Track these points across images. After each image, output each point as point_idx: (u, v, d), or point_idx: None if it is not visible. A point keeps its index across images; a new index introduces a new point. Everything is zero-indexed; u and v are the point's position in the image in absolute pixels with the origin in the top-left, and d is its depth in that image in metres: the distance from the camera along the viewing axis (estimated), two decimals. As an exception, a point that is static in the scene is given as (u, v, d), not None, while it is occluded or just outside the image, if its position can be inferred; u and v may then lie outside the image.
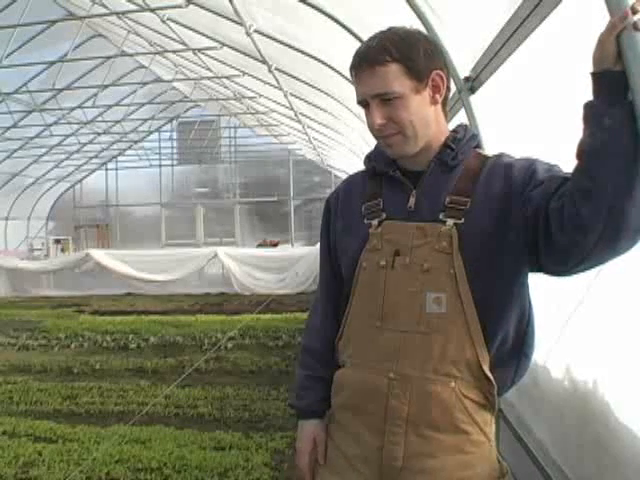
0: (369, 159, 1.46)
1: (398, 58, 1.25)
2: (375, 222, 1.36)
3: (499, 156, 1.35)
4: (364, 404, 1.33)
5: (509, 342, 1.30)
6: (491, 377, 1.28)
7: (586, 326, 1.71)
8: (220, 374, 6.00)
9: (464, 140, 1.36)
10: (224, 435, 4.22)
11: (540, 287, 1.90)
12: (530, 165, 1.26)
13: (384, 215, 1.35)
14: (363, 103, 1.32)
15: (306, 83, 5.77)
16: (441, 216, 1.29)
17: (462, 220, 1.27)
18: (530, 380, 2.11)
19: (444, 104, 1.37)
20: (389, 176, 1.38)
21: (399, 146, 1.31)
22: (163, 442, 4.09)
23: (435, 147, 1.35)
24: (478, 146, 1.41)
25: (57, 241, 15.66)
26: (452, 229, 1.26)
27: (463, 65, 2.39)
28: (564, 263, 1.18)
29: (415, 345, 1.27)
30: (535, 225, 1.18)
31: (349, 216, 1.44)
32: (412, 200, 1.33)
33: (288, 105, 7.18)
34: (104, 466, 3.67)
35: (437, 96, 1.32)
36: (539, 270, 1.27)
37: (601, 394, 1.57)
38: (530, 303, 1.33)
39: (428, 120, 1.32)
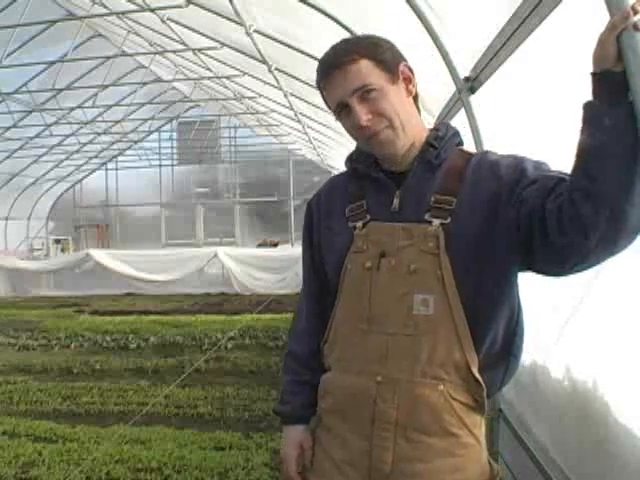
0: (351, 160, 1.43)
1: (365, 54, 1.26)
2: (360, 224, 1.33)
3: (484, 153, 1.34)
4: (351, 408, 1.31)
5: (498, 343, 1.29)
6: (480, 379, 1.26)
7: (586, 326, 1.71)
8: (220, 374, 6.01)
9: (446, 138, 1.33)
10: (224, 435, 4.22)
11: (540, 287, 1.90)
12: (518, 163, 1.25)
13: (368, 217, 1.33)
14: (339, 108, 1.29)
15: (306, 83, 5.76)
16: (427, 216, 1.26)
17: (448, 220, 1.25)
18: (530, 380, 2.11)
19: (416, 99, 1.37)
20: (372, 177, 1.36)
21: (390, 142, 1.28)
22: (163, 442, 4.09)
23: (418, 145, 1.32)
24: (460, 144, 1.39)
25: (57, 241, 15.67)
26: (438, 229, 1.24)
27: (463, 65, 2.39)
28: (561, 264, 1.16)
29: (402, 348, 1.25)
30: (529, 226, 1.16)
31: (332, 218, 1.41)
32: (396, 201, 1.31)
33: (288, 105, 7.17)
34: (104, 466, 3.67)
35: (410, 87, 1.32)
36: (530, 270, 1.25)
37: (601, 394, 1.57)
38: (519, 303, 1.32)
39: (410, 111, 1.32)
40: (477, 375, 1.26)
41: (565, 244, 1.11)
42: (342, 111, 1.29)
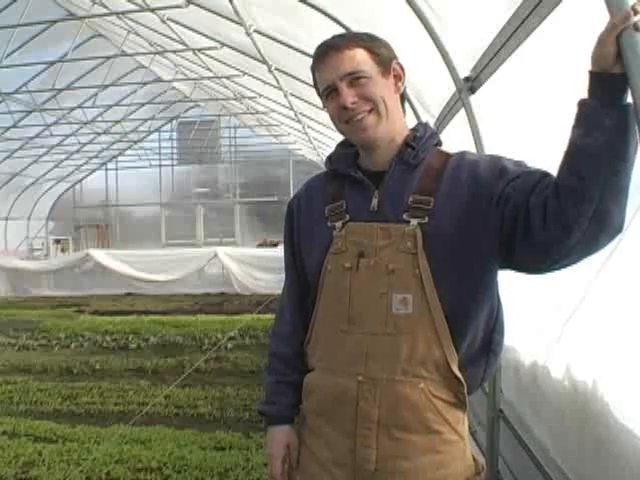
0: (330, 161, 1.44)
1: (363, 45, 1.29)
2: (339, 224, 1.34)
3: (462, 154, 1.34)
4: (334, 408, 1.32)
5: (478, 341, 1.30)
6: (460, 376, 1.27)
7: (586, 326, 1.71)
8: (220, 374, 6.00)
9: (424, 138, 1.34)
10: (224, 435, 4.22)
11: (539, 287, 1.90)
12: (497, 162, 1.26)
13: (347, 217, 1.33)
14: (328, 90, 1.30)
15: (306, 83, 5.76)
16: (405, 216, 1.27)
17: (426, 220, 1.25)
18: (530, 380, 2.11)
19: (402, 100, 1.38)
20: (351, 177, 1.36)
21: (372, 127, 1.28)
22: (163, 442, 4.09)
23: (398, 143, 1.33)
24: (439, 144, 1.39)
25: (57, 241, 15.67)
26: (416, 229, 1.25)
27: (463, 65, 2.39)
28: (542, 261, 1.17)
29: (383, 347, 1.26)
30: (513, 222, 1.16)
31: (312, 219, 1.41)
32: (375, 201, 1.31)
33: (288, 105, 7.18)
34: (104, 466, 3.67)
35: (399, 84, 1.34)
36: (509, 267, 1.26)
37: (601, 394, 1.57)
38: (499, 300, 1.33)
39: (395, 106, 1.33)
40: (457, 372, 1.27)
41: (547, 240, 1.11)
42: (330, 94, 1.31)
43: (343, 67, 1.27)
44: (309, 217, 1.43)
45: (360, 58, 1.27)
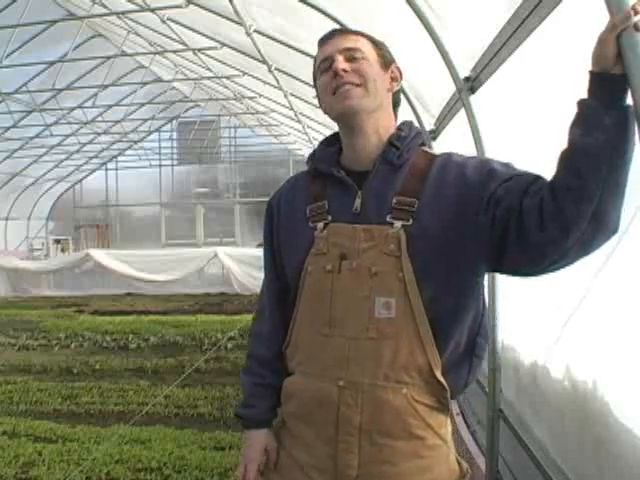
0: (312, 159, 1.40)
1: (368, 38, 1.34)
2: (320, 225, 1.30)
3: (448, 155, 1.31)
4: (315, 413, 1.28)
5: (462, 345, 1.27)
6: (443, 381, 1.24)
7: (586, 326, 1.71)
8: (220, 374, 6.01)
9: (409, 138, 1.31)
10: (224, 435, 4.23)
11: (539, 287, 1.90)
12: (485, 164, 1.24)
13: (329, 218, 1.30)
14: (325, 64, 1.29)
15: (306, 83, 5.77)
16: (388, 218, 1.24)
17: (410, 222, 1.22)
18: (530, 380, 2.11)
19: (395, 106, 1.38)
20: (333, 177, 1.32)
21: (357, 98, 1.26)
22: (163, 442, 4.09)
23: (382, 140, 1.31)
24: (424, 144, 1.37)
25: (57, 241, 15.68)
26: (400, 231, 1.22)
27: (463, 65, 2.39)
28: (538, 263, 1.15)
29: (365, 352, 1.23)
30: (505, 224, 1.14)
31: (293, 219, 1.37)
32: (358, 202, 1.27)
33: (288, 105, 7.18)
34: (104, 466, 3.67)
35: (394, 84, 1.35)
36: (499, 270, 1.25)
37: (601, 394, 1.57)
38: (484, 304, 1.31)
39: (386, 101, 1.33)
40: (440, 378, 1.24)
41: (544, 242, 1.10)
42: (325, 70, 1.30)
43: (345, 42, 1.30)
44: (291, 216, 1.39)
45: (362, 44, 1.30)
